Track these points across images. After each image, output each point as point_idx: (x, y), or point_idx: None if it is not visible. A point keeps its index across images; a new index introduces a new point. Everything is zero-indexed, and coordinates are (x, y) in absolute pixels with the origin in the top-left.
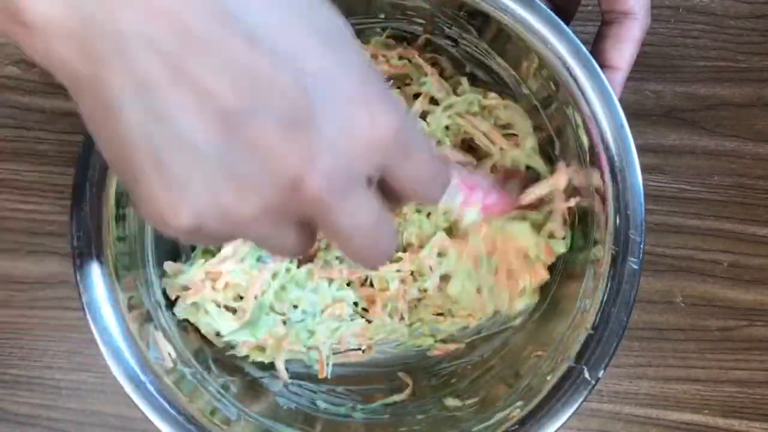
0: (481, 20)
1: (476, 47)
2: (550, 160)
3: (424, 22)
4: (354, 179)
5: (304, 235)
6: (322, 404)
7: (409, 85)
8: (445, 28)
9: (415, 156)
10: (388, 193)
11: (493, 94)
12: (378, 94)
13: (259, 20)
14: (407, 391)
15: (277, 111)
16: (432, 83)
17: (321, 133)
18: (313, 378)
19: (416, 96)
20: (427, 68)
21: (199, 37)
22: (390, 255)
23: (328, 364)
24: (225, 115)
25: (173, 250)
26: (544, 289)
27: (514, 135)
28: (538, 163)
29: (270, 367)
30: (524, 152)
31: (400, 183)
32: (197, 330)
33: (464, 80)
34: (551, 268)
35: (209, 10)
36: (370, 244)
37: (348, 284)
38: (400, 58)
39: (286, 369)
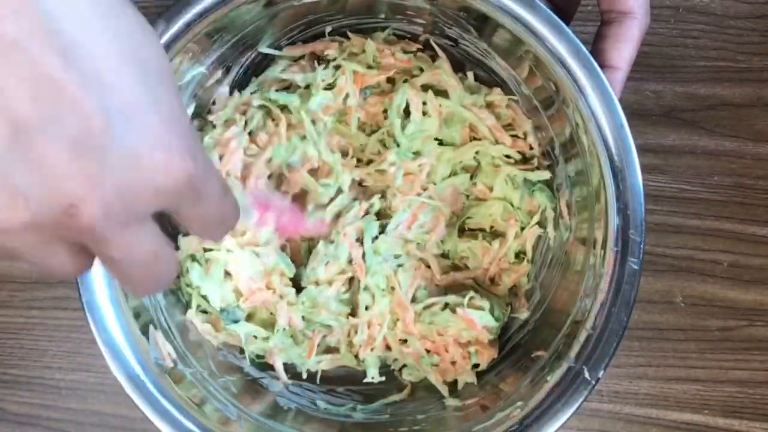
0: (481, 20)
1: (476, 47)
2: (551, 158)
3: (424, 22)
4: (135, 215)
5: (78, 258)
6: (322, 404)
7: (416, 77)
8: (445, 28)
9: (204, 201)
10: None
11: (498, 90)
12: (180, 138)
13: (81, 39)
14: (407, 391)
15: (71, 131)
16: (445, 69)
17: (112, 165)
18: (312, 378)
19: (425, 88)
20: (441, 53)
21: (11, 41)
22: (168, 282)
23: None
24: (16, 122)
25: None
26: (543, 289)
27: (516, 136)
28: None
29: (270, 367)
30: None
31: (186, 222)
32: (197, 329)
33: (470, 74)
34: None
35: (30, 18)
36: (144, 274)
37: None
38: (405, 52)
39: (285, 370)
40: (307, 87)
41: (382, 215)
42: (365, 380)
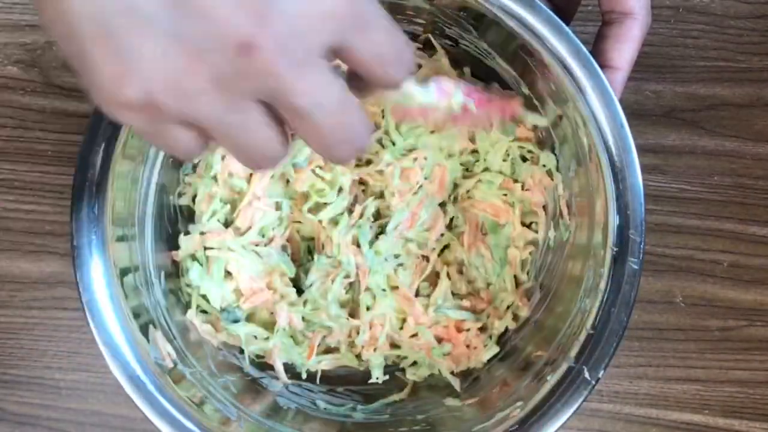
0: (481, 20)
1: (476, 47)
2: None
3: (423, 22)
4: (309, 50)
5: (273, 125)
6: (322, 404)
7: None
8: (444, 28)
9: (374, 30)
10: (351, 78)
11: (496, 85)
12: None
13: None
14: (407, 391)
15: None
16: (443, 63)
17: (275, 0)
18: (312, 378)
19: None
20: (440, 49)
21: None
22: (363, 143)
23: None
24: None
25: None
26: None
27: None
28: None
29: (270, 367)
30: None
31: (358, 59)
32: (197, 329)
33: (467, 69)
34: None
35: None
36: (338, 126)
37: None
38: None
39: (285, 370)
40: None
41: (382, 215)
42: (370, 381)
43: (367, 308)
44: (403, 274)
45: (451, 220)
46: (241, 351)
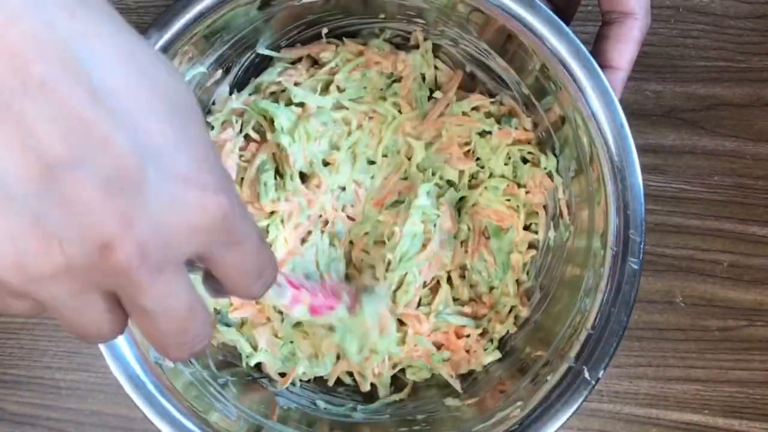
0: (481, 20)
1: (476, 47)
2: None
3: (423, 22)
4: (170, 258)
5: (113, 314)
6: (322, 404)
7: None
8: (445, 28)
9: (242, 246)
10: (208, 276)
11: (477, 95)
12: (214, 177)
13: (109, 80)
14: (407, 391)
15: (104, 170)
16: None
17: (146, 204)
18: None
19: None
20: (421, 43)
21: (40, 80)
22: (203, 345)
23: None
24: (47, 161)
25: None
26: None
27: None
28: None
29: None
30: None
31: (222, 271)
32: None
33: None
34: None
35: (58, 56)
36: (178, 331)
37: None
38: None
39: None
40: (302, 104)
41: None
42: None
43: None
44: (404, 297)
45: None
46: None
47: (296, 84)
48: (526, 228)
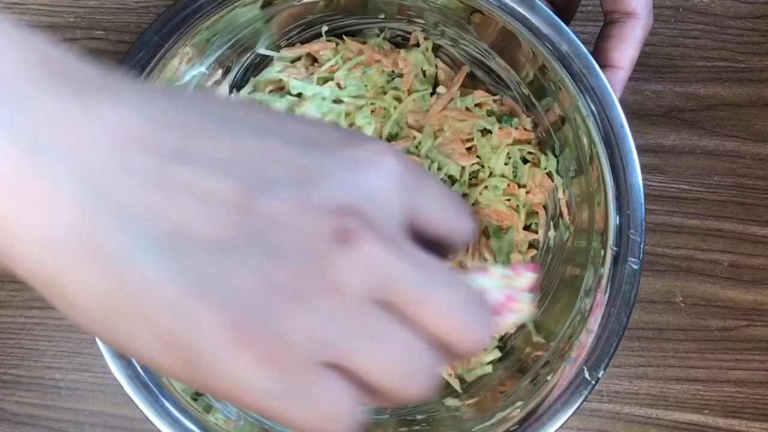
0: (481, 20)
1: (476, 47)
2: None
3: (424, 22)
4: (393, 222)
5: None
6: None
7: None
8: (445, 28)
9: (429, 185)
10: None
11: (480, 92)
12: (363, 139)
13: (231, 116)
14: None
15: (289, 179)
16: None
17: (338, 185)
18: None
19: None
20: (422, 42)
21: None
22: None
23: None
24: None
25: None
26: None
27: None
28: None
29: None
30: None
31: (429, 216)
32: None
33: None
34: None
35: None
36: (476, 314)
37: None
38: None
39: None
40: (299, 95)
41: None
42: None
43: None
44: None
45: None
46: None
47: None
48: (526, 228)
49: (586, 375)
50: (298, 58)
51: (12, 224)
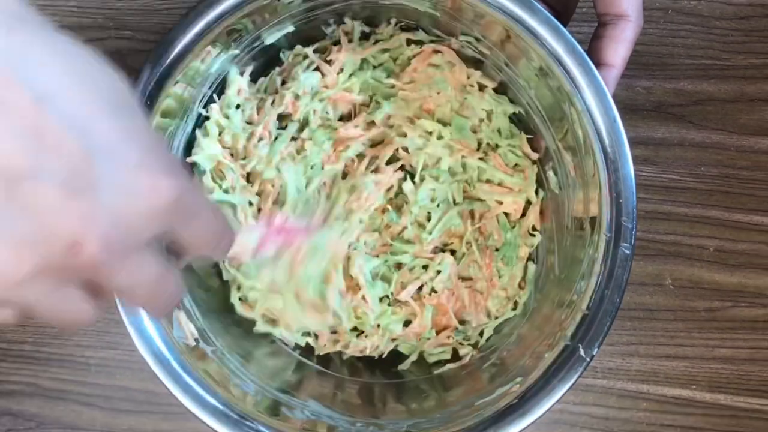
0: (480, 21)
1: (476, 47)
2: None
3: (424, 22)
4: (133, 243)
5: (92, 300)
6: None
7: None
8: (445, 28)
9: (198, 219)
10: (171, 252)
11: (478, 72)
12: (161, 162)
13: (49, 84)
14: (410, 360)
15: (60, 173)
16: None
17: (103, 199)
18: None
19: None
20: (446, 52)
21: None
22: (175, 303)
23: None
24: (6, 174)
25: None
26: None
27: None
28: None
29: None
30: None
31: (185, 242)
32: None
33: (477, 74)
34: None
35: (1, 73)
36: (154, 295)
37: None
38: (411, 42)
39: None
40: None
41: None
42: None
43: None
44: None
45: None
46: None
47: (329, 62)
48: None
49: (582, 353)
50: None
51: None
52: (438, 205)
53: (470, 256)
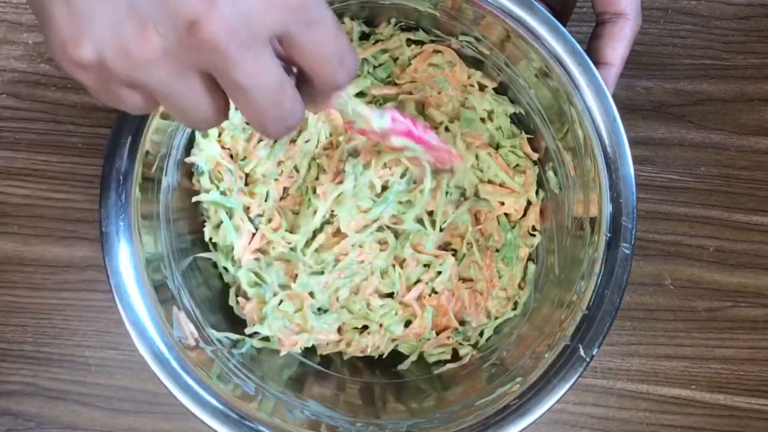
0: (480, 21)
1: (476, 47)
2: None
3: (425, 22)
4: (254, 33)
5: (213, 96)
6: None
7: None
8: (445, 28)
9: (319, 28)
10: (300, 83)
11: (479, 72)
12: None
13: None
14: (410, 360)
15: None
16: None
17: None
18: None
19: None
20: (446, 52)
21: None
22: (295, 122)
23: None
24: None
25: (201, 242)
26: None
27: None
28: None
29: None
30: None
31: (301, 54)
32: (219, 311)
33: (477, 74)
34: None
35: None
36: (272, 105)
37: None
38: (412, 41)
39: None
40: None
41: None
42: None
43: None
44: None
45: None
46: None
47: None
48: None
49: (582, 353)
50: None
51: None
52: (449, 194)
53: (470, 257)
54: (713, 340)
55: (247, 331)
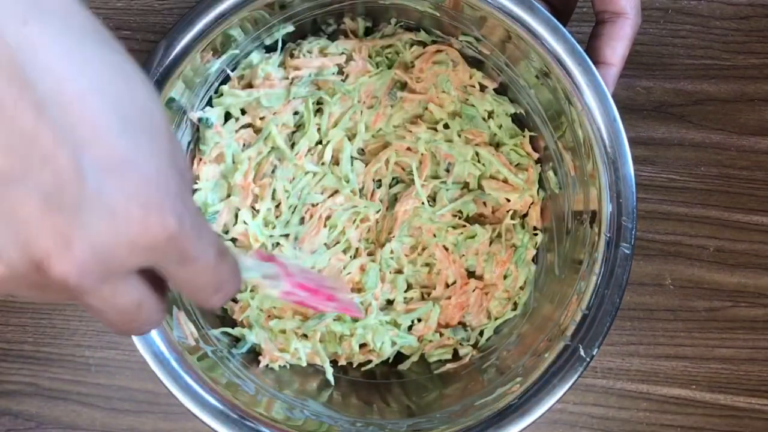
0: (481, 21)
1: (476, 47)
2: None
3: (425, 23)
4: (113, 270)
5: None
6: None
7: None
8: (446, 28)
9: (194, 264)
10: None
11: (479, 73)
12: (162, 194)
13: (56, 88)
14: (410, 360)
15: (44, 186)
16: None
17: (84, 221)
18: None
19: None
20: (449, 51)
21: None
22: (152, 328)
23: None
24: None
25: None
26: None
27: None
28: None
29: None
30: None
31: (176, 284)
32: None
33: (478, 74)
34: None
35: (5, 69)
36: (123, 323)
37: None
38: (415, 42)
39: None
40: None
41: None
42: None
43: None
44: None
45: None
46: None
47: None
48: (525, 215)
49: (582, 352)
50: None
51: None
52: (448, 191)
53: (497, 243)
54: (713, 340)
55: (235, 333)
